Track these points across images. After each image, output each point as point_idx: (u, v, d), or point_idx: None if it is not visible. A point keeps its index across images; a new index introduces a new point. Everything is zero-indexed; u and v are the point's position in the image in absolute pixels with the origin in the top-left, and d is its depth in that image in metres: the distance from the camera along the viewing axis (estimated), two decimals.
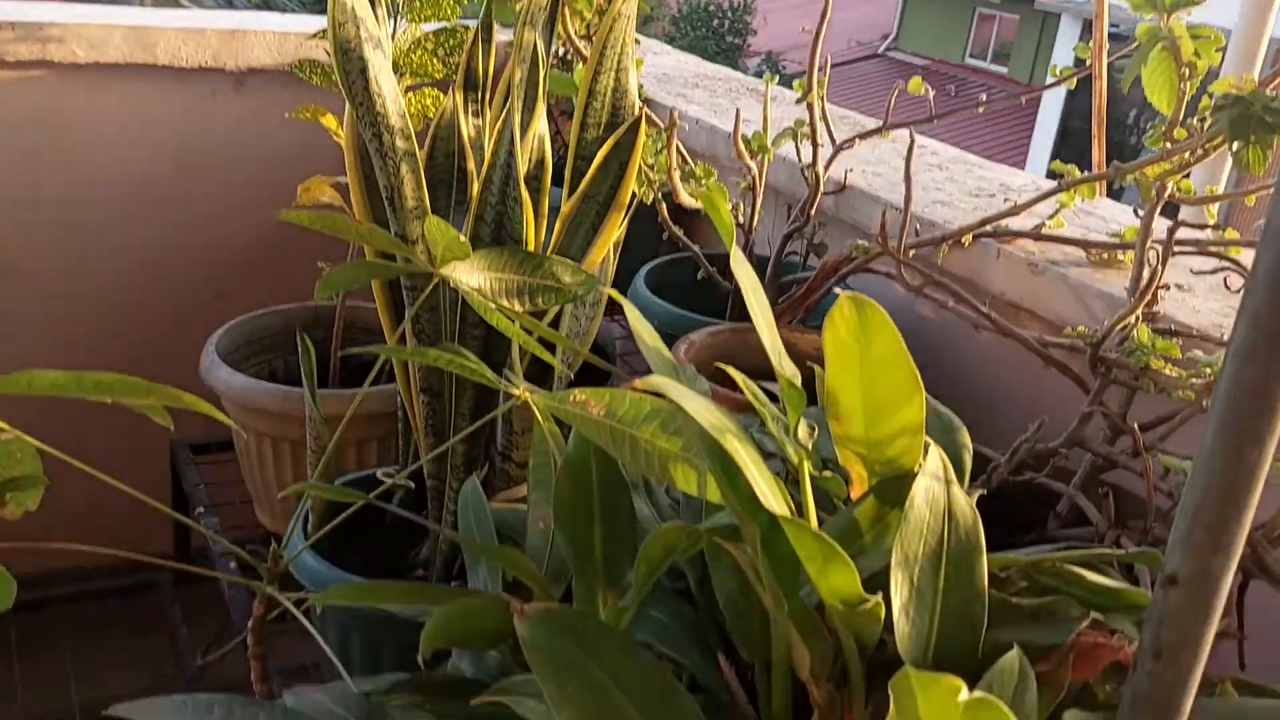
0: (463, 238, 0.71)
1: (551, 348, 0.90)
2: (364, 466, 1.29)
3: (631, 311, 0.61)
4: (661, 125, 1.12)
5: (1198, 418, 0.80)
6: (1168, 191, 0.88)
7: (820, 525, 0.61)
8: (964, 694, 0.40)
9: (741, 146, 1.14)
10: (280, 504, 1.35)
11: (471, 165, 0.98)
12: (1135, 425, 0.75)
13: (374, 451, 1.31)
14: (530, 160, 0.94)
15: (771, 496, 0.52)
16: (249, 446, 1.34)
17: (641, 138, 0.90)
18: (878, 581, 0.56)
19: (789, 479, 0.62)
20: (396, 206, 0.89)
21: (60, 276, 1.67)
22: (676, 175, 1.11)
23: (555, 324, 0.96)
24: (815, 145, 1.13)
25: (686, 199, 1.13)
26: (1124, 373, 0.82)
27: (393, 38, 1.26)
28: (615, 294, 0.64)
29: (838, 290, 0.90)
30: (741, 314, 1.26)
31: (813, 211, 1.15)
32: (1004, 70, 13.88)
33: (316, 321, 1.46)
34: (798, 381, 0.61)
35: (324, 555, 0.98)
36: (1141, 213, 0.90)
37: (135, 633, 1.58)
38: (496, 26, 1.01)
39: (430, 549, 1.04)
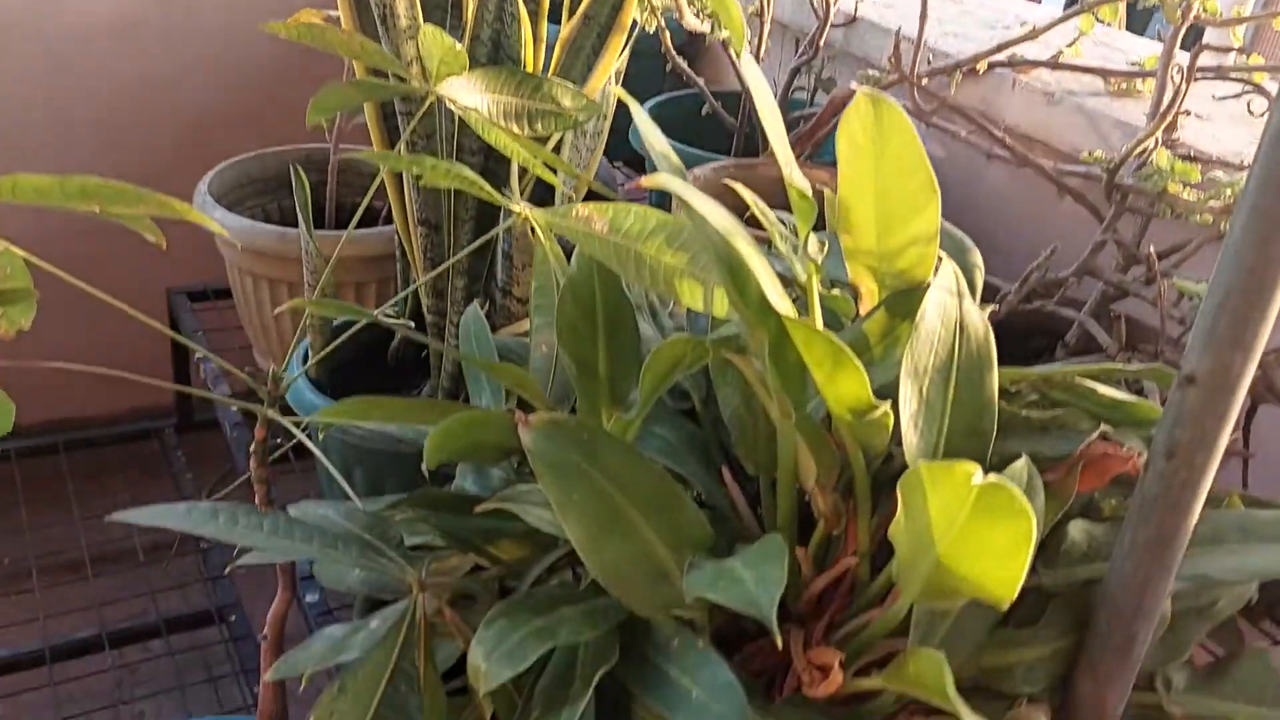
0: (459, 46, 0.68)
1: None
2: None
3: (637, 112, 0.59)
4: None
5: (1212, 246, 0.79)
6: (1194, 11, 0.84)
7: None
8: (978, 477, 0.39)
9: None
10: (280, 347, 1.34)
11: None
12: (1151, 249, 0.74)
13: (372, 294, 1.30)
14: None
15: (781, 299, 0.50)
16: (246, 290, 1.32)
17: None
18: (886, 394, 0.55)
19: (797, 302, 0.61)
20: (389, 25, 0.85)
21: (45, 117, 1.63)
22: None
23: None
24: None
25: (691, 20, 1.08)
26: (1140, 199, 0.80)
27: None
28: (622, 93, 0.61)
29: None
30: (747, 150, 1.23)
31: (821, 43, 1.11)
32: None
33: (310, 165, 1.43)
34: (808, 191, 0.59)
35: (324, 393, 0.98)
36: (1165, 35, 0.87)
37: (138, 480, 1.60)
38: None
39: (432, 386, 1.03)
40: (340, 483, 0.65)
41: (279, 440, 0.83)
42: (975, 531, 0.42)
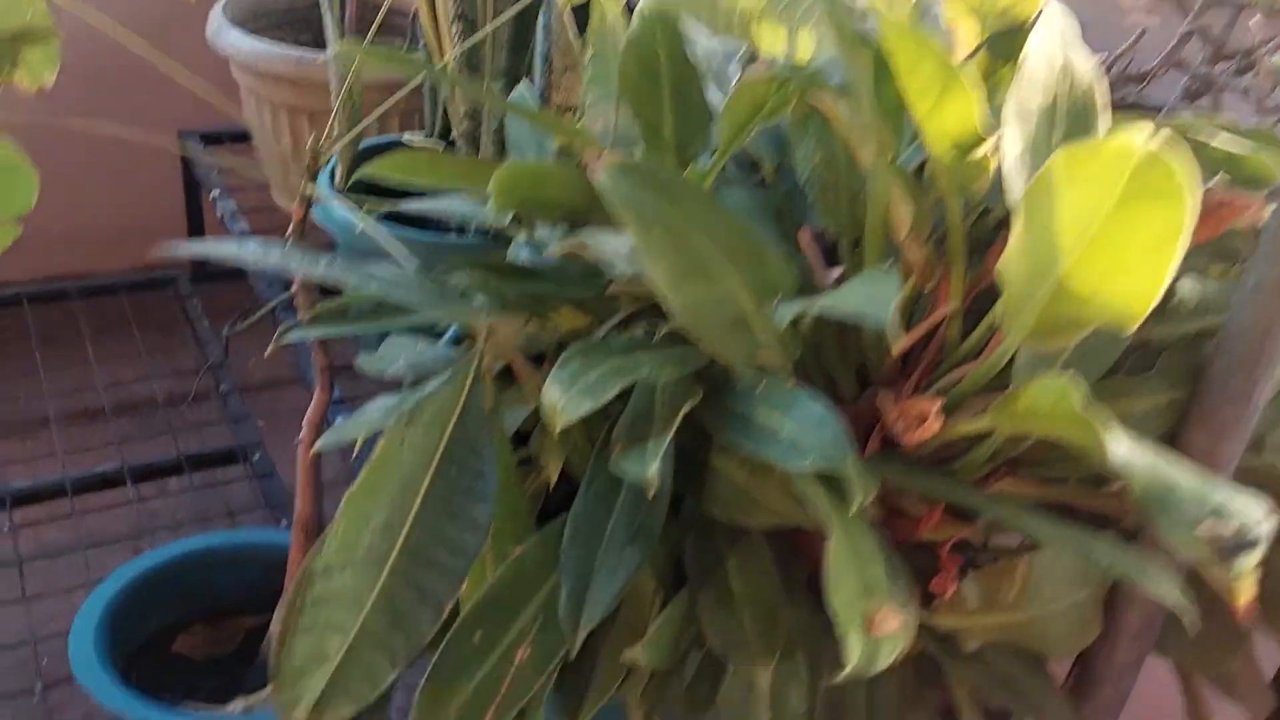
0: None
1: None
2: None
3: None
4: None
5: None
6: None
7: None
8: (1145, 138, 0.35)
9: None
10: (300, 182, 1.29)
11: None
12: (1256, 20, 0.69)
13: (395, 126, 1.25)
14: None
15: (892, 7, 0.46)
16: (264, 121, 1.27)
17: None
18: None
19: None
20: None
21: None
22: None
23: None
24: None
25: None
26: None
27: None
28: None
29: None
30: None
31: None
32: None
33: None
34: None
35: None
36: None
37: (154, 329, 1.56)
38: None
39: None
40: (395, 250, 0.62)
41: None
42: (1118, 226, 0.38)
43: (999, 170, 0.50)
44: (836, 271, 0.57)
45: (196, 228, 1.58)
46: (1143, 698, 0.58)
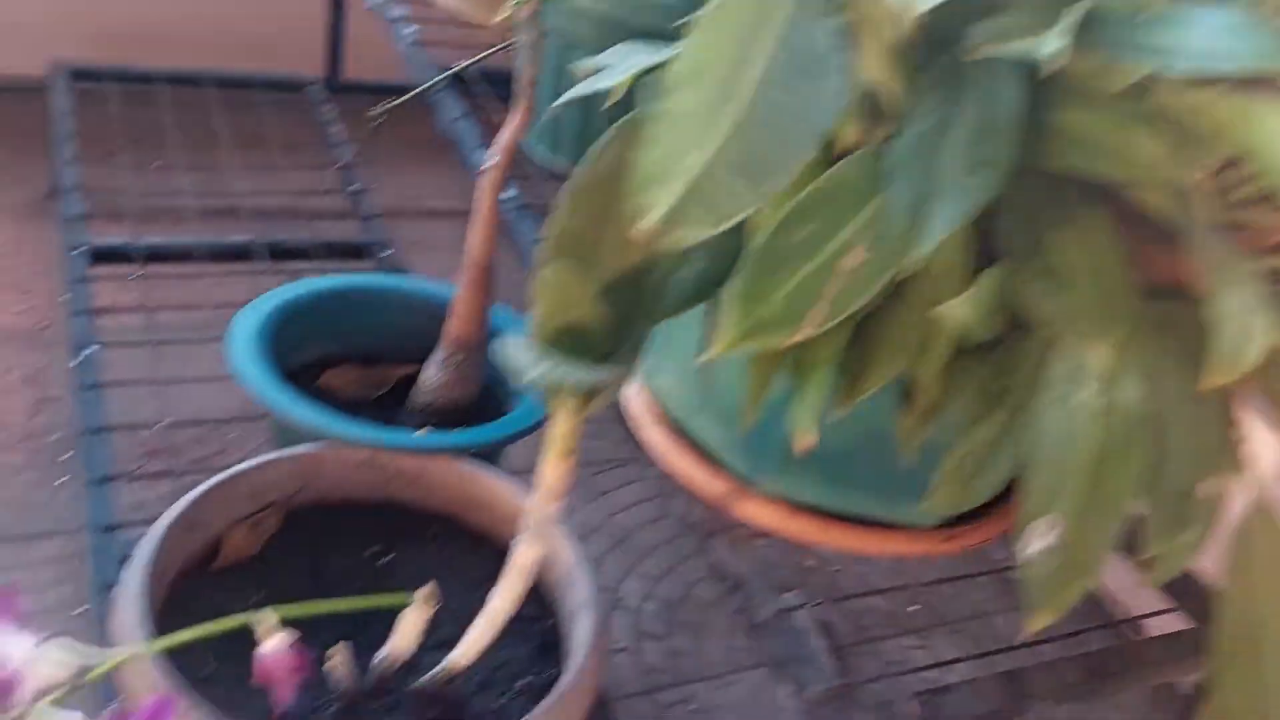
0: None
1: None
2: None
3: None
4: None
5: None
6: None
7: None
8: None
9: None
10: None
11: None
12: None
13: None
14: None
15: None
16: None
17: None
18: None
19: None
20: None
21: None
22: None
23: None
24: None
25: None
26: None
27: None
28: None
29: None
30: None
31: None
32: None
33: None
34: None
35: None
36: None
37: (286, 131, 1.51)
38: None
39: None
40: None
41: None
42: None
43: None
44: None
45: (337, 31, 1.53)
46: None
